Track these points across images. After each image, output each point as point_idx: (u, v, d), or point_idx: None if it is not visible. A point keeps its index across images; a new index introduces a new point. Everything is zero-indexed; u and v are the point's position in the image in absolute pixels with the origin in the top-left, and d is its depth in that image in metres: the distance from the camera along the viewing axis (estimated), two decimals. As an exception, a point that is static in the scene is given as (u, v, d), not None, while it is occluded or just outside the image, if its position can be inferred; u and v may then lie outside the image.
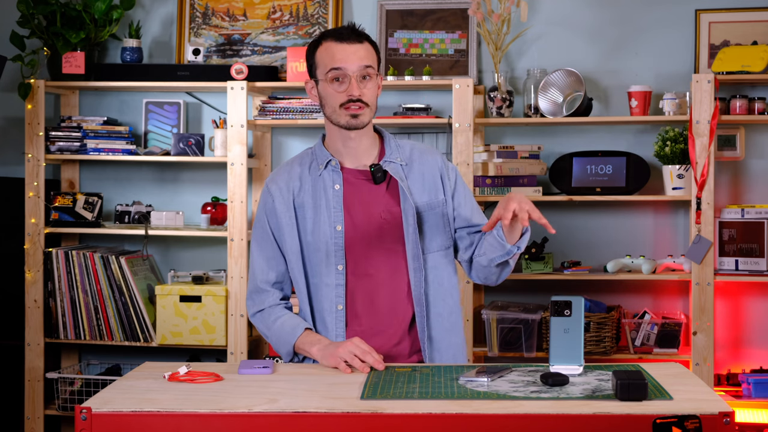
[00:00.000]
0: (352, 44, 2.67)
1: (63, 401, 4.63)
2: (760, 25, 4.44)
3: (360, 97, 2.67)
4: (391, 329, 2.72)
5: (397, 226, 2.72)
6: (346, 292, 2.72)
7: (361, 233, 2.71)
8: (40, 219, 4.61)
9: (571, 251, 4.56)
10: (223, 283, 4.57)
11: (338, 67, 2.66)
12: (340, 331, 2.71)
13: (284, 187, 2.77)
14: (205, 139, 4.63)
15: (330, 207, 2.72)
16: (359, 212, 2.72)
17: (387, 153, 2.77)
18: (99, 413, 2.09)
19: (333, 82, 2.68)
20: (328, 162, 2.75)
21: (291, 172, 2.79)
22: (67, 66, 4.61)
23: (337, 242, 2.71)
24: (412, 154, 2.80)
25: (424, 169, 2.78)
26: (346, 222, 2.71)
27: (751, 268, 4.29)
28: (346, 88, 2.67)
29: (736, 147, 4.42)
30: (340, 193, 2.73)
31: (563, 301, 2.36)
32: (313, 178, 2.76)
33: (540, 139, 4.58)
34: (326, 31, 2.74)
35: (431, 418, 2.05)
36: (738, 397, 4.22)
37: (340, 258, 2.71)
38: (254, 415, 2.07)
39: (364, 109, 2.68)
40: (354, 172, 2.75)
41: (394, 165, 2.76)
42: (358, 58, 2.66)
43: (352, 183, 2.74)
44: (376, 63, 2.71)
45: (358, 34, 2.70)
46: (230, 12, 4.82)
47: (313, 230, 2.72)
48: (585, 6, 4.60)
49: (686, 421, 1.99)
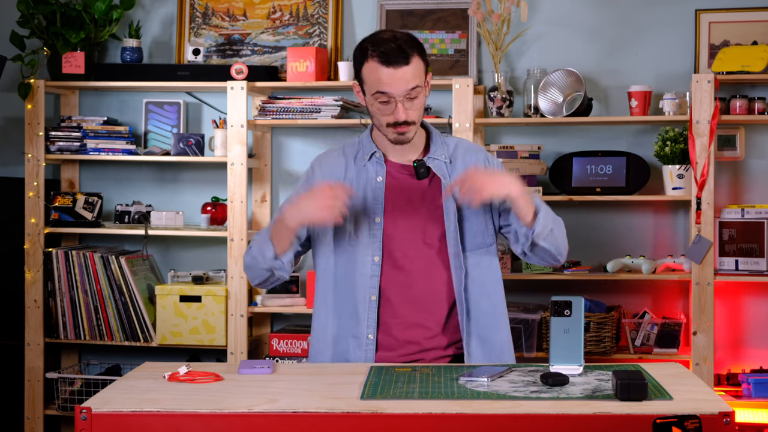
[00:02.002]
0: (399, 68, 2.63)
1: (63, 401, 4.63)
2: (760, 25, 4.44)
3: (406, 119, 2.67)
4: (428, 323, 2.72)
5: (438, 222, 2.73)
6: (380, 284, 2.72)
7: (400, 227, 2.73)
8: (40, 219, 4.61)
9: (571, 251, 4.49)
10: (223, 283, 4.57)
11: (383, 91, 2.65)
12: (372, 321, 2.71)
13: (328, 173, 2.79)
14: (205, 139, 4.63)
15: (371, 198, 2.74)
16: (400, 206, 2.74)
17: (432, 149, 2.78)
18: (99, 413, 2.09)
19: (379, 103, 2.68)
20: (373, 154, 2.77)
21: (338, 159, 2.81)
22: (67, 66, 4.61)
23: (375, 234, 2.72)
24: (456, 151, 2.80)
25: (468, 165, 2.75)
26: (386, 214, 2.73)
27: (751, 268, 4.29)
28: (393, 110, 2.67)
29: (736, 147, 4.42)
30: (382, 185, 2.75)
31: (563, 301, 2.36)
32: (357, 168, 2.78)
33: (540, 139, 4.58)
34: (373, 46, 2.67)
35: (431, 418, 2.05)
36: (738, 397, 4.22)
37: (377, 249, 2.72)
38: (254, 415, 2.07)
39: (410, 126, 2.69)
40: (397, 166, 2.77)
41: (438, 162, 2.76)
42: (404, 82, 2.64)
43: (394, 176, 2.76)
44: (423, 76, 2.69)
45: (405, 55, 2.64)
46: (230, 12, 4.82)
47: (353, 220, 2.73)
48: (585, 6, 4.60)
49: (686, 421, 1.99)
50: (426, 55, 2.72)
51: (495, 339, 2.77)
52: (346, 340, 2.74)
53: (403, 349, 2.72)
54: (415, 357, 2.72)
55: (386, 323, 2.72)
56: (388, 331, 2.72)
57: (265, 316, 4.75)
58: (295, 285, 4.52)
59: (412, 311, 2.72)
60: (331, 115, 4.47)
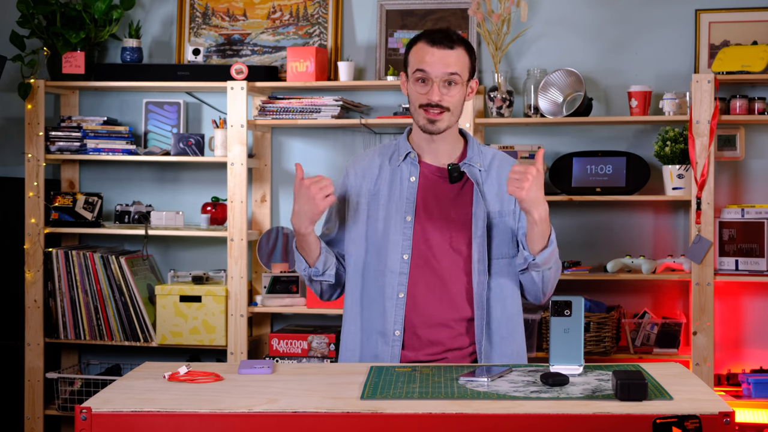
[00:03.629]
0: (442, 49, 2.73)
1: (63, 401, 4.63)
2: (760, 25, 4.44)
3: (439, 102, 2.73)
4: (452, 323, 2.75)
5: (466, 227, 2.76)
6: (408, 282, 2.75)
7: (429, 228, 2.76)
8: (40, 219, 4.61)
9: (571, 251, 4.56)
10: (223, 283, 4.57)
11: (423, 69, 2.73)
12: (399, 317, 2.74)
13: (360, 174, 2.85)
14: (205, 139, 4.63)
15: (403, 197, 2.78)
16: (430, 207, 2.77)
17: (468, 156, 2.83)
18: (99, 413, 2.09)
19: (417, 83, 2.75)
20: (408, 154, 2.81)
21: (372, 159, 2.87)
22: (67, 66, 4.61)
23: (405, 232, 2.76)
24: (493, 161, 2.85)
25: (501, 177, 2.80)
26: (416, 214, 2.76)
27: (751, 268, 4.29)
28: (428, 91, 2.73)
29: (736, 147, 4.42)
30: (414, 185, 2.79)
31: (563, 301, 2.36)
32: (392, 168, 2.83)
33: (540, 139, 4.58)
34: (425, 31, 2.82)
35: (431, 418, 2.05)
36: (738, 397, 4.22)
37: (407, 248, 2.75)
38: (254, 415, 2.07)
39: (443, 114, 2.74)
40: (432, 168, 2.81)
41: (472, 168, 2.81)
42: (444, 64, 2.72)
43: (428, 177, 2.80)
44: (466, 69, 2.77)
45: (452, 40, 2.75)
46: (230, 12, 4.82)
47: (385, 217, 2.78)
48: (585, 6, 4.60)
49: (686, 421, 1.99)
50: (475, 58, 2.81)
51: (511, 346, 2.80)
52: (373, 336, 2.78)
53: (428, 348, 2.75)
54: (440, 356, 2.75)
55: (412, 321, 2.75)
56: (414, 330, 2.75)
57: (265, 316, 4.75)
58: (295, 285, 4.52)
59: (436, 311, 2.76)
60: (331, 115, 4.47)
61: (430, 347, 2.75)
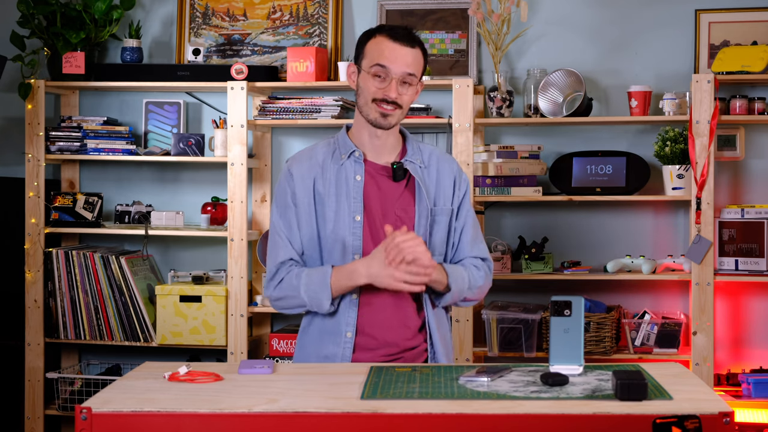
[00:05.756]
0: (404, 47, 2.73)
1: (63, 401, 4.63)
2: (760, 25, 4.44)
3: (396, 99, 2.72)
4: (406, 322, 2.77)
5: (410, 224, 2.77)
6: None
7: (378, 227, 2.76)
8: (40, 219, 4.61)
9: (571, 251, 4.56)
10: (223, 283, 4.57)
11: (383, 64, 2.72)
12: (351, 319, 2.74)
13: (306, 174, 2.80)
14: (205, 139, 4.63)
15: (350, 197, 2.76)
16: (376, 206, 2.77)
17: (408, 153, 2.83)
18: (99, 413, 2.09)
19: (375, 78, 2.73)
20: (352, 152, 2.79)
21: (313, 158, 2.82)
22: (67, 66, 4.61)
23: (355, 232, 2.75)
24: (431, 158, 2.85)
25: (440, 174, 2.83)
26: (365, 213, 2.76)
27: (751, 268, 4.29)
28: (386, 87, 2.72)
29: (736, 147, 4.42)
30: (360, 184, 2.77)
31: (563, 301, 2.36)
32: (336, 166, 2.79)
33: (540, 139, 4.58)
34: (384, 26, 2.81)
35: (431, 418, 2.05)
36: (738, 397, 4.22)
37: (358, 248, 2.75)
38: (254, 415, 2.07)
39: (396, 110, 2.74)
40: (376, 166, 2.81)
41: (413, 165, 2.81)
42: (404, 63, 2.72)
43: (372, 176, 2.79)
44: (420, 71, 2.77)
45: (413, 39, 2.75)
46: (230, 12, 4.82)
47: (334, 218, 2.76)
48: (585, 6, 4.60)
49: (686, 421, 1.99)
50: (427, 62, 2.80)
51: (448, 337, 2.86)
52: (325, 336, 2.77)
53: (383, 349, 2.76)
54: (396, 357, 2.76)
55: (366, 320, 2.75)
56: (368, 331, 2.75)
57: (265, 316, 4.75)
58: (295, 285, 4.52)
59: (389, 312, 2.76)
60: (331, 115, 4.47)
61: (386, 348, 2.75)
